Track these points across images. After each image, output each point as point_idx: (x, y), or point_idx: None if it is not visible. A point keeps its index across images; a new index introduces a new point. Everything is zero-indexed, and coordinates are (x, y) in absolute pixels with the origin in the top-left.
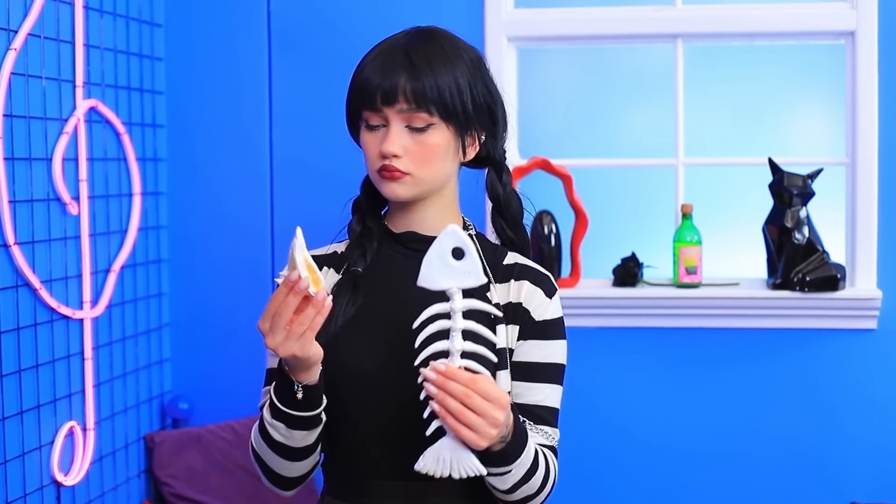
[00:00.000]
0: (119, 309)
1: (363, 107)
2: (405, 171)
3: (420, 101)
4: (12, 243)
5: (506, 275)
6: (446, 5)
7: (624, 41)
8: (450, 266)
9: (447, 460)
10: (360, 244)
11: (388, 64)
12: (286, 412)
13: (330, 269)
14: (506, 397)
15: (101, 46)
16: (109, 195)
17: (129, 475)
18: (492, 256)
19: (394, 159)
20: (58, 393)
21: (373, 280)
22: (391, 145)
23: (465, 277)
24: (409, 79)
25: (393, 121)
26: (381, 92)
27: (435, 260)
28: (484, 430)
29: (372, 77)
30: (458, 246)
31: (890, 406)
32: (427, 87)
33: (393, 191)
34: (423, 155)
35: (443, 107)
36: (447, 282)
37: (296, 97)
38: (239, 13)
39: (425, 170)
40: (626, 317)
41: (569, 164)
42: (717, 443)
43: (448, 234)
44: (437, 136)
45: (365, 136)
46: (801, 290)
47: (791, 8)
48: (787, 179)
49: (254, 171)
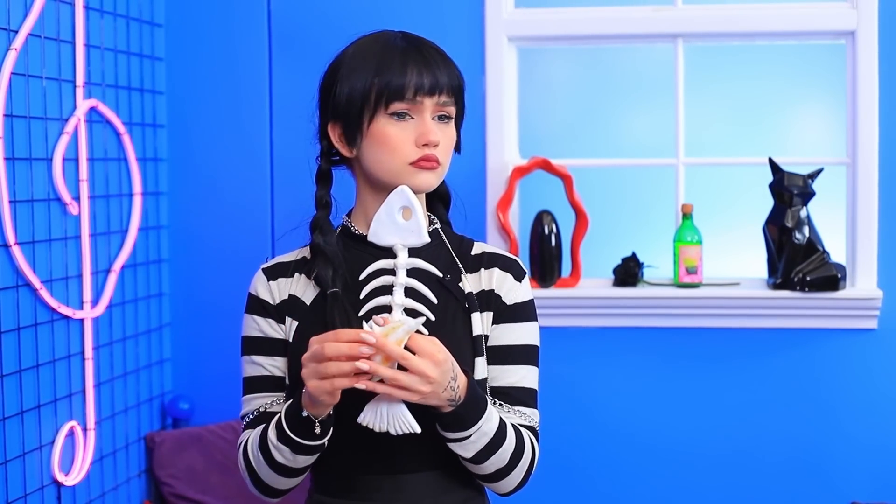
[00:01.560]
0: (119, 309)
1: (399, 98)
2: (440, 161)
3: (455, 92)
4: (13, 243)
5: (475, 264)
6: (446, 5)
7: (624, 41)
8: (396, 224)
9: (384, 415)
10: (327, 262)
11: (427, 59)
12: (297, 441)
13: (301, 276)
14: (441, 354)
15: (101, 46)
16: (110, 195)
17: (130, 475)
18: (459, 248)
19: (434, 148)
20: (58, 393)
21: (348, 288)
22: (434, 135)
23: (409, 235)
24: (445, 73)
25: (426, 112)
26: (428, 82)
27: (384, 217)
28: (416, 387)
29: (415, 70)
30: (405, 205)
31: (890, 406)
32: (460, 82)
33: (427, 180)
34: (448, 146)
35: (462, 103)
36: (393, 238)
37: (296, 97)
38: (239, 13)
39: (448, 161)
40: (626, 317)
41: (569, 164)
42: (717, 443)
43: (397, 193)
44: (454, 129)
45: (389, 128)
46: (802, 289)
47: (791, 8)
48: (787, 179)
49: (254, 171)
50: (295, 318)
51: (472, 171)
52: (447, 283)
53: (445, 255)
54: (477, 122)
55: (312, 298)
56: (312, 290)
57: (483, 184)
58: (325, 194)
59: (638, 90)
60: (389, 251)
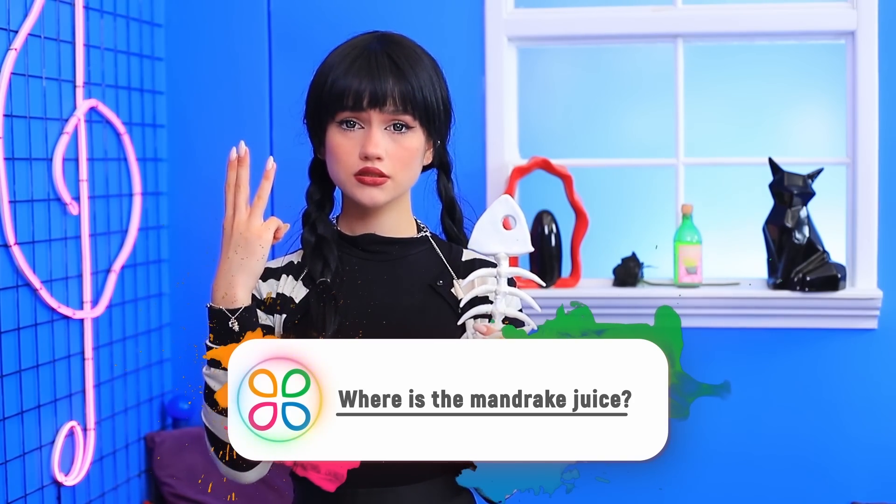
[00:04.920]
0: (119, 309)
1: (342, 108)
2: (387, 175)
3: (406, 103)
4: (13, 243)
5: (466, 270)
6: (446, 5)
7: (624, 41)
8: (500, 232)
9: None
10: (319, 254)
11: (373, 66)
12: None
13: (289, 277)
14: None
15: (101, 46)
16: (110, 195)
17: (130, 475)
18: (449, 254)
19: (376, 161)
20: (58, 393)
21: (338, 287)
22: (375, 147)
23: (514, 244)
24: (396, 81)
25: (375, 123)
26: (369, 93)
27: (487, 225)
28: None
29: (356, 78)
30: (510, 214)
31: (890, 406)
32: (415, 90)
33: (372, 197)
34: (402, 157)
35: (424, 111)
36: (497, 246)
37: (296, 97)
38: (239, 13)
39: (404, 173)
40: (626, 317)
41: (569, 164)
42: (717, 443)
43: (501, 202)
44: (414, 140)
45: (337, 138)
46: (802, 289)
47: (791, 8)
48: (787, 179)
49: (254, 172)
50: (283, 312)
51: (472, 171)
52: (440, 289)
53: (436, 261)
54: (477, 122)
55: (301, 297)
56: (301, 289)
57: (483, 184)
58: (315, 191)
59: (638, 90)
60: (384, 254)
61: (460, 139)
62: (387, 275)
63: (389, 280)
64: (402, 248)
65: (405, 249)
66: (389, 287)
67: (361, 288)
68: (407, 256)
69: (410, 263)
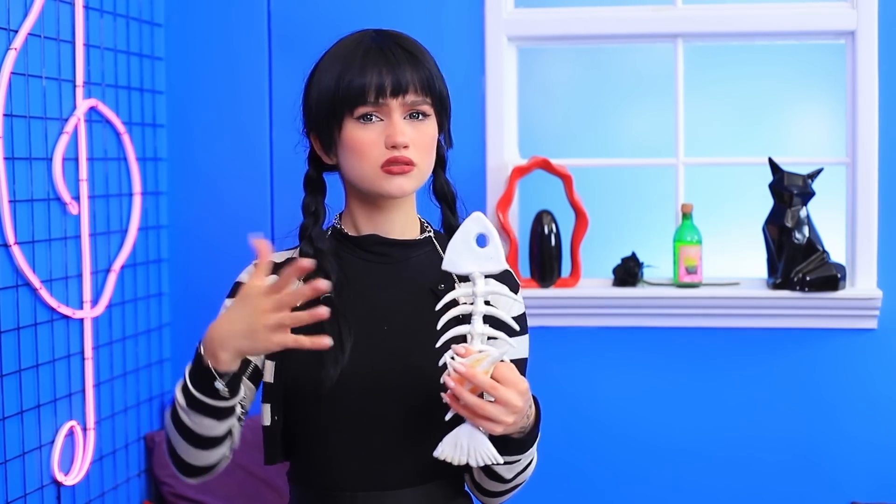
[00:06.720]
0: (119, 309)
1: (363, 103)
2: (413, 162)
3: (426, 90)
4: (12, 243)
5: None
6: (446, 5)
7: (624, 41)
8: (474, 251)
9: (465, 447)
10: (320, 269)
11: (389, 57)
12: (201, 401)
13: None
14: (524, 384)
15: (101, 46)
16: (109, 195)
17: (130, 475)
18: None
19: (404, 150)
20: (58, 393)
21: (340, 293)
22: (402, 135)
23: (488, 262)
24: (414, 70)
25: (395, 112)
26: (391, 83)
27: (460, 245)
28: (501, 418)
29: (375, 71)
30: (482, 232)
31: (890, 406)
32: (432, 77)
33: (401, 186)
34: (425, 144)
35: (439, 98)
36: (471, 266)
37: (296, 97)
38: (239, 13)
39: (426, 160)
40: (626, 317)
41: (569, 164)
42: (717, 443)
43: (473, 220)
44: (431, 127)
45: (357, 133)
46: (802, 289)
47: (791, 8)
48: (787, 179)
49: (254, 171)
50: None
51: (472, 171)
52: (441, 293)
53: (439, 264)
54: (477, 122)
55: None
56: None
57: (483, 184)
58: (311, 202)
59: (638, 90)
60: (387, 256)
61: (460, 139)
62: (388, 278)
63: (391, 283)
64: (404, 250)
65: (407, 252)
66: (390, 290)
67: (362, 294)
68: (409, 259)
69: (412, 266)
